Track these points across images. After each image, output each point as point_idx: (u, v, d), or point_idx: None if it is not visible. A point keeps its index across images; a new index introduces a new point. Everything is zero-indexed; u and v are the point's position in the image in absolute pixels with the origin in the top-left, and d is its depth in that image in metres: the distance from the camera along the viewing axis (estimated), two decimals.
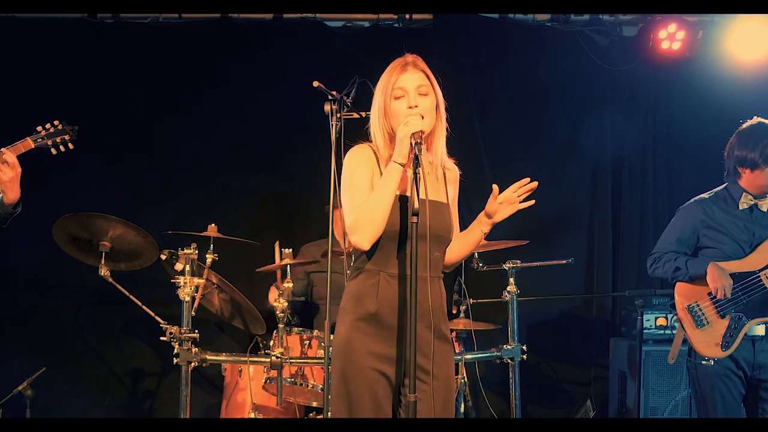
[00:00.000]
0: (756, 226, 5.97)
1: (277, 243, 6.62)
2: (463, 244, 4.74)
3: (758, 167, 5.89)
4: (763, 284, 5.81)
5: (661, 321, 7.32)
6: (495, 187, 4.54)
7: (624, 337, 7.97)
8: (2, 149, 5.54)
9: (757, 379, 5.92)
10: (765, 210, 5.99)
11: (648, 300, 7.34)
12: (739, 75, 8.15)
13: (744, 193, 5.99)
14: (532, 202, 4.55)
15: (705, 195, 6.21)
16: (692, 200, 6.26)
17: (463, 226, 4.78)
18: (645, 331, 7.27)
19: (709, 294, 5.87)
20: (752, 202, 5.98)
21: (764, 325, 5.85)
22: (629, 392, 7.56)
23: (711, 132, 8.14)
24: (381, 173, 4.55)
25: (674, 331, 6.72)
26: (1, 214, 5.70)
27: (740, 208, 5.99)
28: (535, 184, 4.51)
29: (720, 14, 8.07)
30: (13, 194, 5.56)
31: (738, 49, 8.10)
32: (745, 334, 5.84)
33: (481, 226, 4.63)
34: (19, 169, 5.55)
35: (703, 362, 5.89)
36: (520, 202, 4.59)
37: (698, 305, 5.94)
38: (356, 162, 4.62)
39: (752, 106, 6.57)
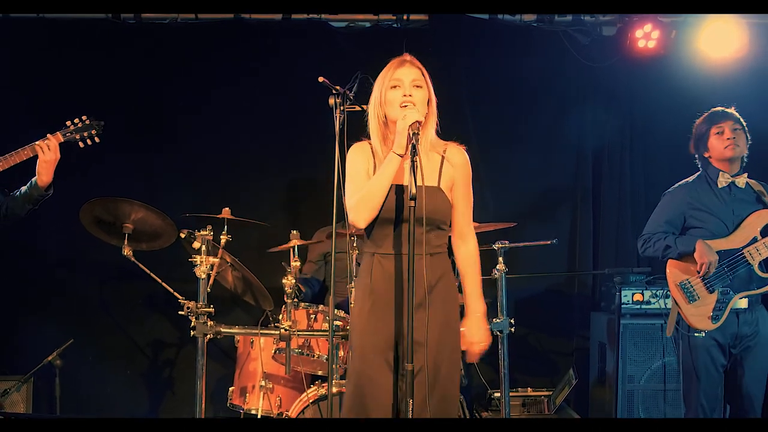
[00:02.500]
0: (735, 202, 6.01)
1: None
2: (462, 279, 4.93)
3: (710, 135, 6.08)
4: (747, 260, 5.83)
5: (638, 296, 7.31)
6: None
7: (603, 311, 7.97)
8: (47, 135, 5.66)
9: (740, 345, 5.95)
10: (742, 186, 6.01)
11: (625, 277, 7.35)
12: (709, 71, 8.13)
13: (720, 172, 6.01)
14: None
15: (689, 179, 6.26)
16: (677, 185, 6.30)
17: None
18: (623, 305, 7.27)
19: (698, 271, 5.87)
20: (730, 180, 6.01)
21: (747, 299, 5.88)
22: (608, 362, 7.56)
23: (684, 123, 8.07)
24: (375, 164, 4.70)
25: (652, 306, 6.80)
26: (35, 196, 5.82)
27: (719, 186, 6.02)
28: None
29: (692, 14, 8.05)
30: (47, 177, 5.74)
31: (708, 47, 8.09)
32: (731, 308, 5.86)
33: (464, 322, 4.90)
34: (58, 155, 5.73)
35: (696, 334, 5.92)
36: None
37: (689, 282, 5.96)
38: (355, 157, 4.80)
39: (721, 100, 6.57)
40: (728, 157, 6.02)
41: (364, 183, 4.66)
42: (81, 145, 6.01)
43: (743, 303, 5.91)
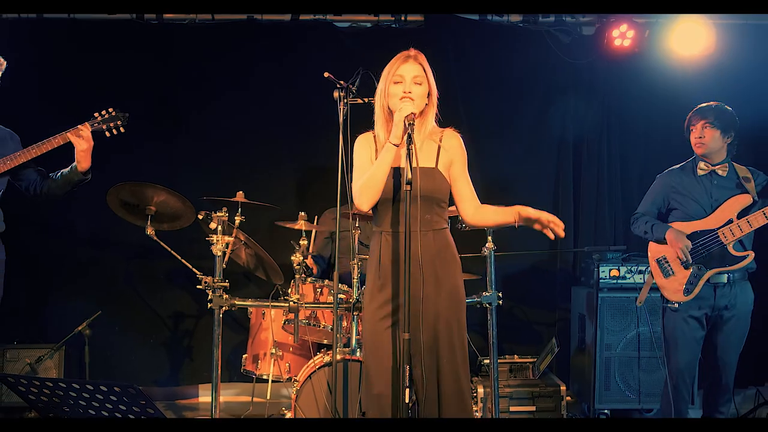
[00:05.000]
0: (715, 189, 6.05)
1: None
2: (496, 219, 4.95)
3: (689, 131, 6.14)
4: (720, 240, 5.87)
5: (614, 272, 7.31)
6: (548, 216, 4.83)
7: (583, 286, 7.97)
8: (78, 125, 5.69)
9: (718, 316, 6.02)
10: (723, 175, 6.05)
11: (603, 254, 7.34)
12: (680, 67, 8.12)
13: (700, 161, 6.05)
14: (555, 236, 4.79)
15: (676, 166, 6.32)
16: (667, 170, 6.37)
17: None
18: (601, 280, 7.27)
19: (677, 257, 5.96)
20: (709, 169, 6.06)
21: (726, 275, 5.91)
22: (587, 332, 7.55)
23: (656, 115, 8.19)
24: (377, 152, 4.78)
25: (627, 280, 6.82)
26: (75, 180, 5.90)
27: (698, 174, 6.06)
28: (561, 231, 4.80)
29: (663, 15, 8.05)
30: (86, 163, 5.83)
31: (678, 46, 8.08)
32: (709, 281, 5.92)
33: (515, 218, 4.84)
34: (92, 143, 5.79)
35: (670, 305, 6.01)
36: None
37: (665, 258, 6.07)
38: (359, 147, 4.90)
39: (690, 94, 6.60)
40: (697, 153, 6.11)
41: (366, 170, 4.73)
42: (107, 134, 6.03)
43: (723, 278, 5.96)
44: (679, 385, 6.10)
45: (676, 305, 5.98)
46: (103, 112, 6.02)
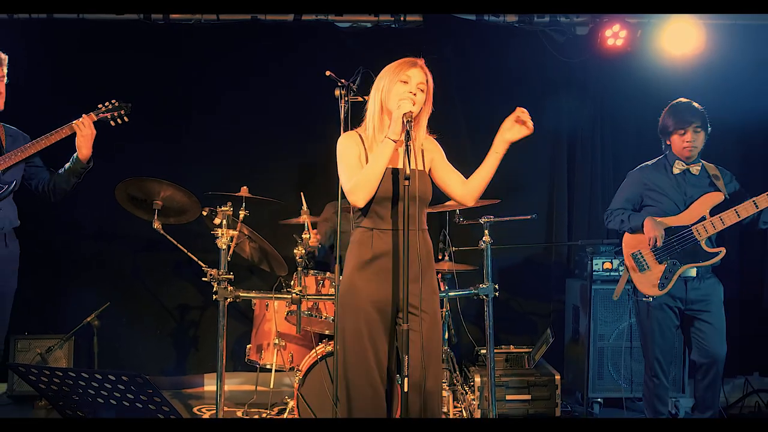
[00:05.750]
0: (688, 187, 6.07)
1: (302, 193, 6.69)
2: (482, 174, 4.86)
3: (672, 133, 6.08)
4: (694, 236, 5.88)
5: (607, 265, 7.33)
6: (518, 108, 4.77)
7: (577, 278, 7.97)
8: (83, 115, 5.72)
9: (692, 310, 6.04)
10: (696, 173, 6.07)
11: (596, 247, 7.35)
12: (670, 66, 8.11)
13: (677, 160, 6.05)
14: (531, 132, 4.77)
15: (649, 162, 6.31)
16: (639, 167, 6.36)
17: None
18: (594, 273, 7.28)
19: (649, 244, 5.94)
20: (684, 167, 6.06)
21: (696, 269, 5.92)
22: (581, 322, 7.56)
23: (647, 112, 8.08)
24: (366, 151, 4.77)
25: (620, 273, 6.82)
26: (78, 169, 5.91)
27: (673, 172, 6.06)
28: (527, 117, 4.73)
29: (655, 15, 8.05)
30: (86, 150, 5.88)
31: (669, 45, 8.07)
32: (680, 275, 5.92)
33: (497, 148, 4.81)
34: (93, 131, 5.87)
35: (644, 299, 6.02)
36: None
37: (641, 253, 6.05)
38: (346, 145, 4.83)
39: (680, 91, 6.58)
40: (686, 157, 6.10)
41: (357, 168, 4.71)
42: (112, 124, 6.08)
43: (692, 272, 5.99)
44: (658, 373, 6.14)
45: (651, 299, 6.01)
46: (107, 103, 6.07)
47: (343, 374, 4.74)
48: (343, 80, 5.40)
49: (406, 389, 4.44)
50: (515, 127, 4.75)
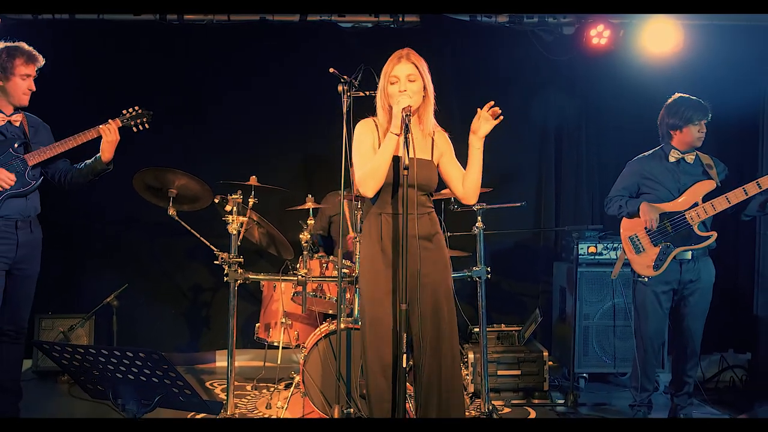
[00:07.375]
0: (683, 175, 6.09)
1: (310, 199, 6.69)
2: (472, 172, 4.85)
3: (681, 127, 6.04)
4: (687, 221, 5.92)
5: (592, 249, 7.34)
6: (479, 110, 4.75)
7: (564, 261, 7.96)
8: (110, 120, 5.73)
9: (684, 289, 6.08)
10: (691, 162, 6.08)
11: (582, 233, 7.34)
12: (651, 64, 8.09)
13: (672, 150, 6.06)
14: (501, 118, 4.75)
15: (646, 153, 6.33)
16: (637, 157, 6.39)
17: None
18: (579, 256, 7.28)
19: (645, 228, 6.00)
20: (680, 156, 6.07)
21: (691, 252, 5.95)
22: (568, 303, 7.55)
23: (629, 107, 8.17)
24: (379, 138, 4.78)
25: (603, 257, 6.83)
26: (98, 169, 5.89)
27: (670, 161, 6.08)
28: (496, 108, 4.74)
29: (636, 16, 8.05)
30: (109, 154, 5.85)
31: (650, 44, 8.06)
32: (675, 258, 5.98)
33: (473, 145, 4.77)
34: (118, 137, 5.86)
35: (640, 279, 6.07)
36: (494, 119, 4.74)
37: (637, 236, 6.09)
38: (361, 132, 4.86)
39: (660, 88, 6.59)
40: (698, 146, 6.10)
41: (370, 156, 4.75)
42: (134, 130, 6.04)
43: (687, 255, 6.00)
44: (648, 351, 6.15)
45: (646, 279, 6.03)
46: (131, 110, 6.01)
47: (362, 318, 4.86)
48: (345, 77, 5.45)
49: (404, 365, 4.45)
50: (484, 125, 4.77)
